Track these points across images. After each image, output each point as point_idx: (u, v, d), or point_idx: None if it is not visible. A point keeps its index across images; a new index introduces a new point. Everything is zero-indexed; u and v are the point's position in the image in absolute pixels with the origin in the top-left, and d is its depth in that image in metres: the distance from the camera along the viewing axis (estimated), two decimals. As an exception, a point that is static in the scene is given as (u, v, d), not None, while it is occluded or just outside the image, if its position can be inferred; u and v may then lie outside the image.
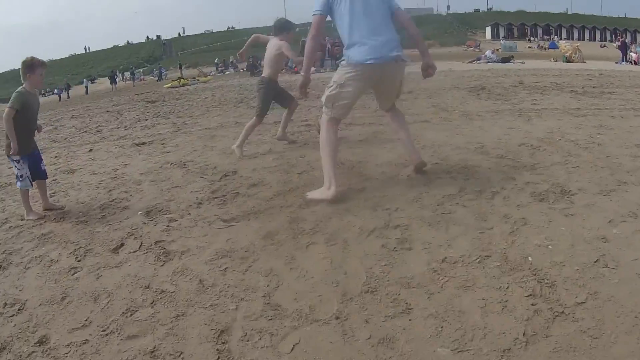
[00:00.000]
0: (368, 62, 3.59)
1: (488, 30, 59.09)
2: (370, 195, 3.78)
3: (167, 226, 3.51)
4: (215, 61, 44.55)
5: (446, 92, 10.56)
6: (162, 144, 6.82)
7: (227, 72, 36.59)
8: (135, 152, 6.45)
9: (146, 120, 10.00)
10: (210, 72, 36.15)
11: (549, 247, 2.70)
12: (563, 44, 32.09)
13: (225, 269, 2.77)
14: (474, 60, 26.42)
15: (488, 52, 28.18)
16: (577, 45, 27.31)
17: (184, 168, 5.19)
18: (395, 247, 2.84)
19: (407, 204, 3.51)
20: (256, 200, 3.91)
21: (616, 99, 8.69)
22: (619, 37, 34.78)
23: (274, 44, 5.51)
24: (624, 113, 6.97)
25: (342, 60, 3.93)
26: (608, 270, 2.42)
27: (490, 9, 77.37)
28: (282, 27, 5.56)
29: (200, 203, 3.97)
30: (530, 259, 2.58)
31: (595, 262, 2.50)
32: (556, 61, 25.24)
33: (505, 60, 25.73)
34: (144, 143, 6.96)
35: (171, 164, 5.42)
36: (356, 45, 3.64)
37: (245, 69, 31.88)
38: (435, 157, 4.75)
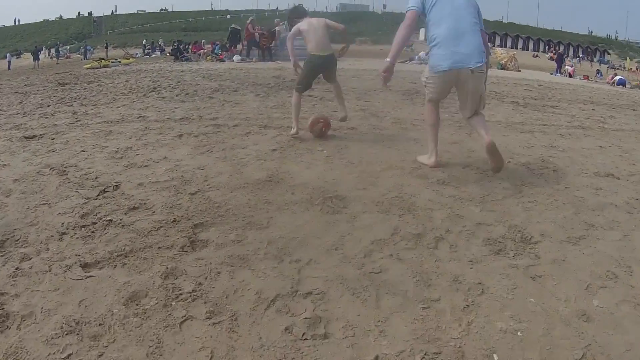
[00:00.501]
0: (441, 69, 4.01)
1: (422, 31, 60.28)
2: (277, 235, 3.03)
3: (17, 268, 2.66)
4: (143, 42, 43.02)
5: (377, 94, 9.78)
6: (53, 139, 5.95)
7: (154, 55, 35.82)
8: (21, 148, 5.53)
9: (48, 106, 8.98)
10: (136, 54, 35.22)
11: (519, 333, 2.06)
12: (499, 51, 33.15)
13: (69, 355, 1.95)
14: (407, 61, 26.39)
15: (422, 54, 28.30)
16: (514, 54, 28.23)
17: (62, 176, 4.34)
18: (304, 334, 2.07)
19: (324, 254, 2.78)
20: (130, 234, 3.07)
21: (561, 114, 8.57)
22: (552, 49, 36.48)
23: (317, 22, 5.82)
24: (572, 131, 6.75)
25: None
26: (600, 375, 1.82)
27: (426, 11, 79.51)
28: (305, 11, 6.33)
29: (64, 233, 3.12)
30: (495, 357, 1.92)
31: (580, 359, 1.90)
32: (491, 67, 25.81)
33: (439, 63, 25.90)
34: (34, 136, 6.08)
35: (51, 168, 4.57)
36: (436, 48, 4.04)
37: (170, 53, 30.94)
38: (362, 181, 4.07)
